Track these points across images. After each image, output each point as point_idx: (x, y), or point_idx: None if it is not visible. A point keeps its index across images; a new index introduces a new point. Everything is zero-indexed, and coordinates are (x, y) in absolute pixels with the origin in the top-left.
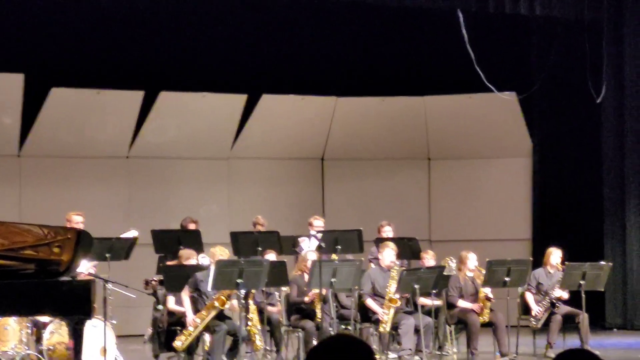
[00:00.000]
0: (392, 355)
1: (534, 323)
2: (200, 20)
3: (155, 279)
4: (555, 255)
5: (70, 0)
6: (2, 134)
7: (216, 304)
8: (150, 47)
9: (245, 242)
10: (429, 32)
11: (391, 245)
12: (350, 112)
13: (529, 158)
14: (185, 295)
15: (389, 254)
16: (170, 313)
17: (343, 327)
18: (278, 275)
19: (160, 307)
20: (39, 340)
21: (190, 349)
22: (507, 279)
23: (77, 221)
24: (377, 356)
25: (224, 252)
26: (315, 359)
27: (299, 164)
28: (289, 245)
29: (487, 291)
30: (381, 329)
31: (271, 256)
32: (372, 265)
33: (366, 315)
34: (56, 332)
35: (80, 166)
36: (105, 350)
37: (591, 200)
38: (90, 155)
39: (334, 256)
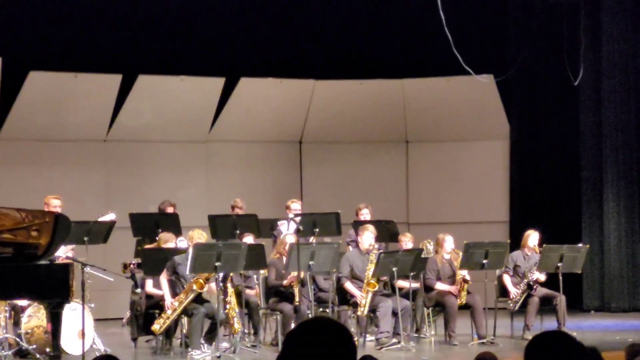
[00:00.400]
0: (369, 338)
1: (512, 305)
2: (179, 4)
3: (133, 262)
4: (532, 237)
5: None
6: None
7: (194, 287)
8: (128, 31)
9: (223, 225)
10: (407, 15)
11: (370, 228)
12: (329, 95)
13: (507, 141)
14: (164, 278)
15: (368, 237)
16: (149, 296)
17: (321, 309)
18: (256, 258)
19: (138, 290)
20: (17, 323)
21: (169, 332)
22: (484, 261)
23: (55, 205)
24: (355, 339)
25: (202, 236)
26: (293, 342)
27: (277, 147)
28: (267, 228)
29: (464, 274)
30: (359, 312)
31: (249, 239)
32: (350, 248)
33: (344, 298)
34: (34, 315)
35: (58, 149)
36: (83, 334)
37: (569, 183)
38: (68, 138)
39: (312, 239)
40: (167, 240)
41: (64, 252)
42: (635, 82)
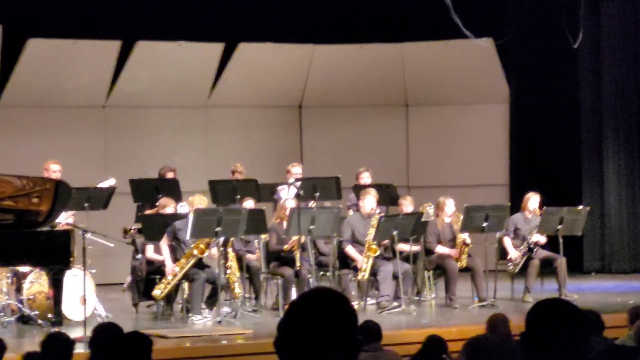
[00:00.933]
0: (370, 301)
1: (512, 268)
2: None
3: (133, 227)
4: (533, 200)
5: None
6: None
7: (195, 252)
8: None
9: (223, 190)
10: None
11: (372, 192)
12: (328, 59)
13: (506, 104)
14: (164, 244)
15: (370, 201)
16: (149, 262)
17: (322, 273)
18: (257, 223)
19: (139, 256)
20: (19, 290)
21: (169, 298)
22: (485, 224)
23: (55, 169)
24: (355, 302)
25: (202, 201)
26: (295, 313)
27: (276, 112)
28: (267, 192)
29: (465, 237)
30: (360, 277)
31: (249, 203)
32: (351, 212)
33: (345, 262)
34: (36, 281)
35: (57, 116)
36: (85, 300)
37: (569, 146)
38: (67, 104)
39: (312, 204)
40: (166, 205)
41: (64, 219)
42: (635, 43)
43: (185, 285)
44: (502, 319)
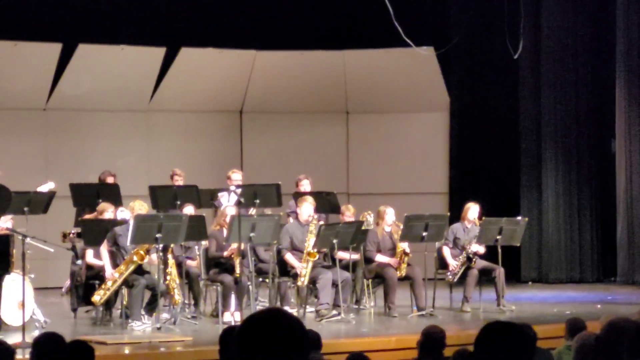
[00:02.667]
0: (310, 309)
1: (451, 277)
2: None
3: (73, 231)
4: (472, 210)
5: None
6: None
7: (135, 258)
8: None
9: (164, 196)
10: None
11: (309, 199)
12: (270, 65)
13: (447, 113)
14: (104, 249)
15: (307, 209)
16: (89, 267)
17: (261, 280)
18: (197, 229)
19: (79, 261)
20: None
21: (109, 303)
22: (424, 233)
23: None
24: (294, 310)
25: (142, 207)
26: (245, 335)
27: (217, 117)
28: (207, 198)
29: (404, 246)
30: (299, 283)
31: (189, 209)
32: (291, 219)
33: (284, 269)
34: None
35: None
36: (23, 305)
37: (508, 156)
38: (7, 107)
39: (252, 210)
40: (105, 210)
41: (3, 222)
42: (573, 55)
43: (125, 291)
44: (439, 331)
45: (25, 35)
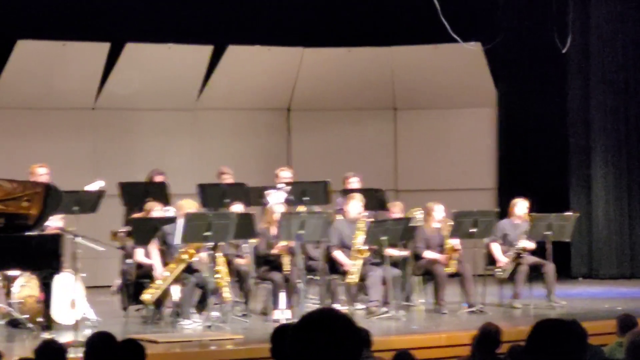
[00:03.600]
0: (359, 306)
1: (500, 274)
2: None
3: (122, 230)
4: (520, 206)
5: None
6: None
7: (185, 257)
8: None
9: (212, 194)
10: None
11: (357, 196)
12: (317, 62)
13: (494, 108)
14: (154, 248)
15: (355, 206)
16: (139, 265)
17: (311, 278)
18: (246, 227)
19: (129, 260)
20: (8, 293)
21: (159, 302)
22: (473, 230)
23: (41, 173)
24: (344, 308)
25: (192, 205)
26: (299, 336)
27: (265, 115)
28: (256, 196)
29: (453, 242)
30: (349, 281)
31: (238, 207)
32: (339, 217)
33: (334, 267)
34: (26, 285)
35: (46, 118)
36: (74, 303)
37: (557, 151)
38: (56, 107)
39: (300, 208)
40: (152, 209)
41: (54, 222)
42: (623, 49)
43: (175, 289)
44: (495, 328)
45: (74, 35)
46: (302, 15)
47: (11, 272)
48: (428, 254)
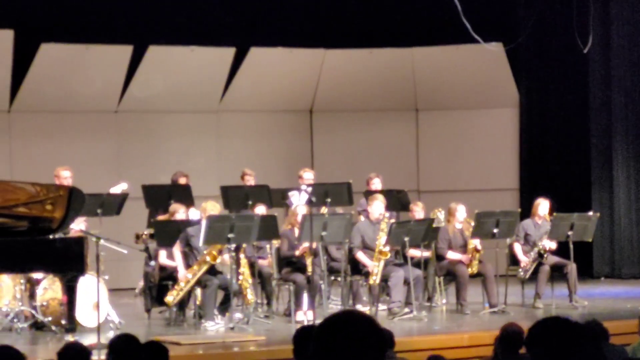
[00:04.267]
0: (382, 307)
1: (522, 274)
2: None
3: (145, 232)
4: (543, 206)
5: None
6: None
7: (207, 258)
8: (139, 2)
9: (235, 196)
10: None
11: (380, 197)
12: (339, 64)
13: (516, 108)
14: (177, 250)
15: (377, 207)
16: (162, 268)
17: (333, 279)
18: (269, 229)
19: (152, 262)
20: (32, 296)
21: (182, 304)
22: (495, 230)
23: (65, 176)
24: (366, 308)
25: (215, 207)
26: (322, 337)
27: (287, 117)
28: (278, 198)
29: (476, 243)
30: (371, 282)
31: (261, 209)
32: (362, 217)
33: (356, 267)
34: (50, 288)
35: (69, 121)
36: (98, 306)
37: (578, 151)
38: (79, 109)
39: (323, 209)
40: (176, 211)
41: (77, 225)
42: None
43: (198, 291)
44: (518, 329)
45: (97, 38)
46: (323, 16)
47: (35, 275)
48: (450, 255)
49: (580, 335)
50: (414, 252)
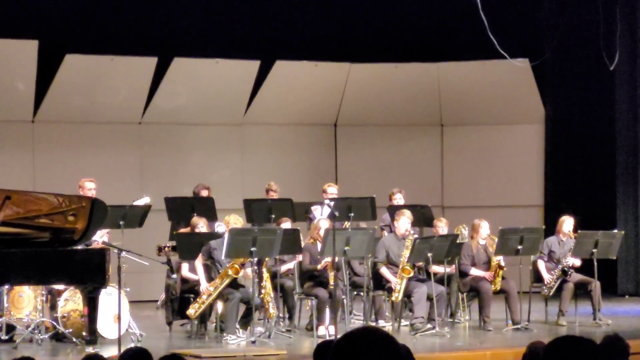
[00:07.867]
0: (404, 322)
1: (546, 291)
2: None
3: (168, 245)
4: (567, 223)
5: None
6: (16, 100)
7: (230, 272)
8: (164, 13)
9: (258, 210)
10: None
11: (407, 213)
12: (364, 78)
13: (542, 125)
14: (199, 263)
15: (404, 222)
16: (184, 280)
17: (355, 294)
18: (291, 242)
19: (174, 275)
20: (53, 307)
21: (204, 317)
22: (519, 247)
23: (90, 187)
24: (389, 324)
25: (237, 221)
26: (339, 354)
27: (312, 130)
28: (301, 212)
29: (499, 259)
30: (393, 298)
31: (287, 224)
32: (386, 232)
33: (379, 282)
34: (71, 299)
35: (93, 132)
36: (119, 318)
37: (604, 168)
38: (103, 121)
39: (346, 223)
40: (197, 224)
41: (99, 237)
42: None
43: (220, 304)
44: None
45: (122, 49)
46: (349, 30)
47: (56, 286)
48: (474, 271)
49: (595, 354)
50: (437, 268)
